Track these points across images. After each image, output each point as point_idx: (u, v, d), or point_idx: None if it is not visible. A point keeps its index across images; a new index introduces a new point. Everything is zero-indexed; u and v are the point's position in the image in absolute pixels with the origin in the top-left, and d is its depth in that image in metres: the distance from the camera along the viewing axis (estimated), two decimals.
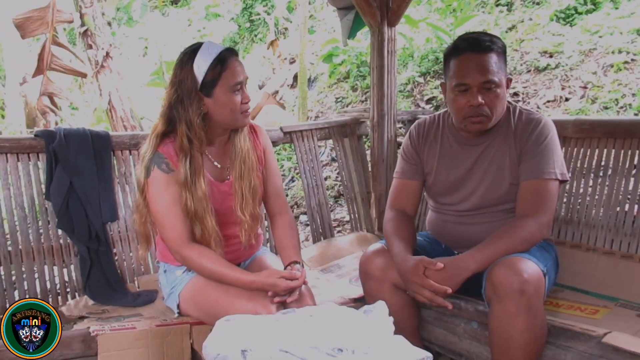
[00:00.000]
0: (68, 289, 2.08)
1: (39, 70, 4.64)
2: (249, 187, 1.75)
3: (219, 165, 1.77)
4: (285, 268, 1.75)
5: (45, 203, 2.05)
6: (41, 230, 2.03)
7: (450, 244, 1.93)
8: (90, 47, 5.47)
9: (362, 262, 1.84)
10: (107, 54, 5.47)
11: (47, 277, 2.03)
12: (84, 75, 4.94)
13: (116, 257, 2.17)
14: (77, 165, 2.04)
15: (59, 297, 2.05)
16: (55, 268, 2.05)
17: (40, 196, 2.05)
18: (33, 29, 4.56)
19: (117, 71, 5.55)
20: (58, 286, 2.04)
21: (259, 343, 1.08)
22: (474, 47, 1.68)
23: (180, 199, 1.63)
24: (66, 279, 2.06)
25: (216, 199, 1.74)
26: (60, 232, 2.05)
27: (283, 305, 1.62)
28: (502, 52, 1.72)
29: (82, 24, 5.42)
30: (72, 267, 2.07)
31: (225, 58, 1.62)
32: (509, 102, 1.82)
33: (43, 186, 2.05)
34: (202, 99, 1.63)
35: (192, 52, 1.63)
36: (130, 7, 8.57)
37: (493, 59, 1.68)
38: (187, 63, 1.62)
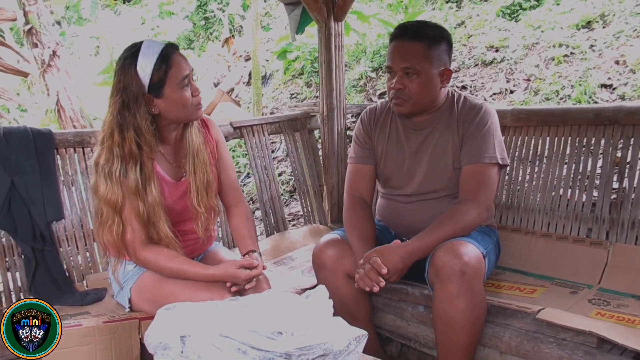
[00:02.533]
0: (12, 291, 2.03)
1: None
2: (203, 180, 1.75)
3: (174, 164, 1.77)
4: (243, 257, 1.77)
5: None
6: None
7: (398, 231, 1.98)
8: (35, 45, 5.31)
9: (315, 253, 1.88)
10: (54, 52, 5.32)
11: None
12: (27, 75, 4.78)
13: (64, 257, 2.14)
14: (19, 164, 1.99)
15: (3, 299, 2.00)
16: None
17: None
18: None
19: (65, 70, 5.41)
20: (2, 288, 1.99)
21: (198, 329, 1.09)
22: (402, 34, 1.80)
23: (133, 206, 1.62)
24: (10, 280, 2.01)
25: (173, 199, 1.74)
26: (2, 233, 2.00)
27: (240, 293, 1.64)
28: (438, 43, 1.78)
29: (27, 22, 5.25)
30: (16, 268, 2.02)
31: (169, 55, 1.60)
32: (454, 91, 1.91)
33: None
34: (151, 101, 1.61)
35: (132, 54, 1.59)
36: (80, 5, 8.33)
37: (419, 46, 1.75)
38: (129, 67, 1.58)
